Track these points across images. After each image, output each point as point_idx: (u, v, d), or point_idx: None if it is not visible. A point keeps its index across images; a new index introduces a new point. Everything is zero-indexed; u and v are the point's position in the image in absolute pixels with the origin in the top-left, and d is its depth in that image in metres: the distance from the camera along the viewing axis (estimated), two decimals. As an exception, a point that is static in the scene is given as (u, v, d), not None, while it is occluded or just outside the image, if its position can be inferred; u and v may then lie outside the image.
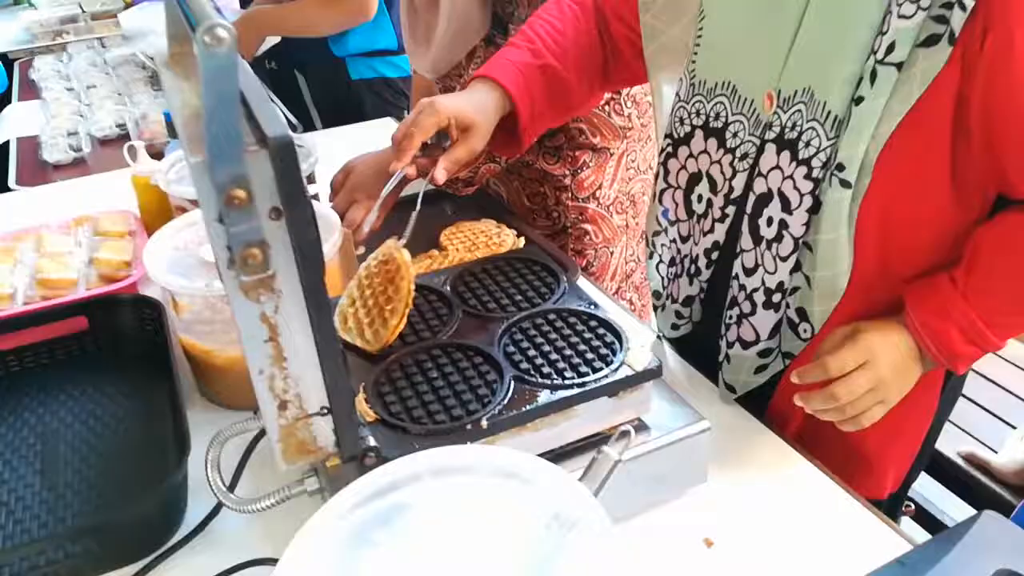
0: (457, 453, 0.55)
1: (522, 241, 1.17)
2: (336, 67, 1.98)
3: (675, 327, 0.96)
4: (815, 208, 0.74)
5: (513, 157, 1.05)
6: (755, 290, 0.82)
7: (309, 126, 2.09)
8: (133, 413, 0.91)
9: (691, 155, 0.87)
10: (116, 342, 0.99)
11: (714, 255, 0.87)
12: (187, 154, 0.46)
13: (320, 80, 2.04)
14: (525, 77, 0.91)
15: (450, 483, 0.54)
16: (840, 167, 0.71)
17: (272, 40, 2.02)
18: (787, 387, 0.85)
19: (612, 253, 1.35)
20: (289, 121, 1.89)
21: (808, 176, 0.74)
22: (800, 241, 0.76)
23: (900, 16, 0.65)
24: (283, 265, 0.50)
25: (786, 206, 0.76)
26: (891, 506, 0.92)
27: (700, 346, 0.95)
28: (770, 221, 0.78)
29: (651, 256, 0.98)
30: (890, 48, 0.66)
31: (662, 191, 0.92)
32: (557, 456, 0.70)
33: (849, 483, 0.82)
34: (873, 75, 0.68)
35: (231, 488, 0.72)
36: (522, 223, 1.23)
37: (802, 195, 0.74)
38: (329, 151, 1.63)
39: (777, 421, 0.87)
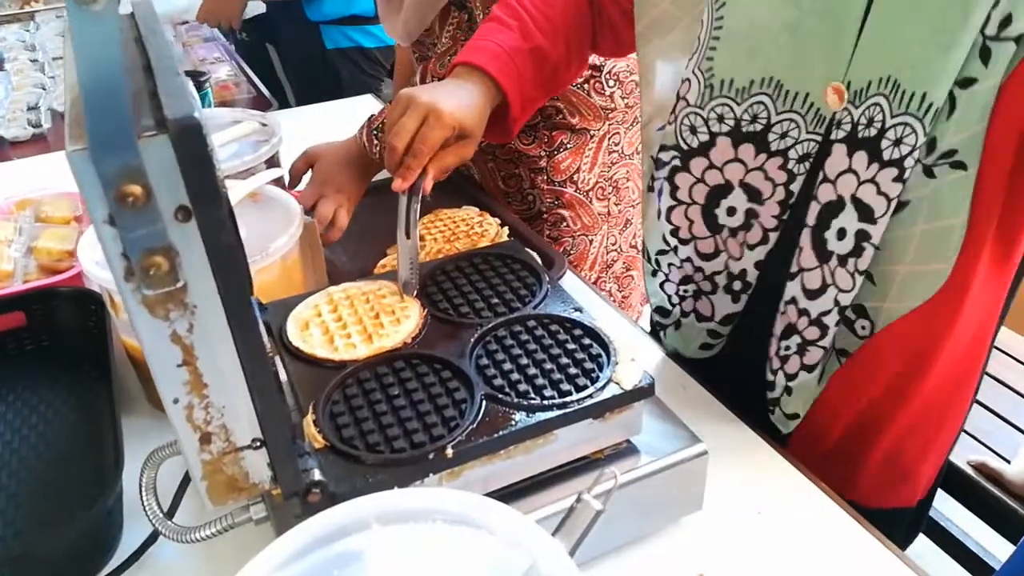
0: (410, 497, 0.46)
1: (506, 231, 1.08)
2: (311, 36, 1.88)
3: (707, 347, 0.87)
4: (899, 209, 0.65)
5: (493, 142, 0.96)
6: (825, 313, 0.72)
7: (284, 103, 1.99)
8: (72, 421, 0.82)
9: (712, 166, 0.77)
10: (56, 340, 0.90)
11: (766, 267, 0.78)
12: (67, 144, 0.37)
13: (294, 51, 1.95)
14: (516, 65, 0.82)
15: (402, 533, 0.46)
16: (950, 154, 0.62)
17: (256, 9, 1.93)
18: (827, 395, 0.77)
19: (591, 241, 1.27)
20: (264, 97, 1.79)
21: (899, 179, 0.64)
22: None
23: None
24: (196, 275, 0.41)
25: (867, 215, 0.66)
26: (918, 513, 0.86)
27: (725, 365, 0.86)
28: (842, 233, 0.68)
29: (654, 274, 0.88)
30: (1005, 21, 0.57)
31: (670, 208, 0.82)
32: (530, 486, 0.62)
33: (884, 495, 0.77)
34: (985, 53, 0.58)
35: (170, 513, 0.64)
36: (507, 211, 1.15)
37: (890, 200, 0.65)
38: (304, 129, 1.54)
39: (814, 431, 0.80)
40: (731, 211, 0.77)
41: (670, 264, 0.86)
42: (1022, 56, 0.57)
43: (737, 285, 0.81)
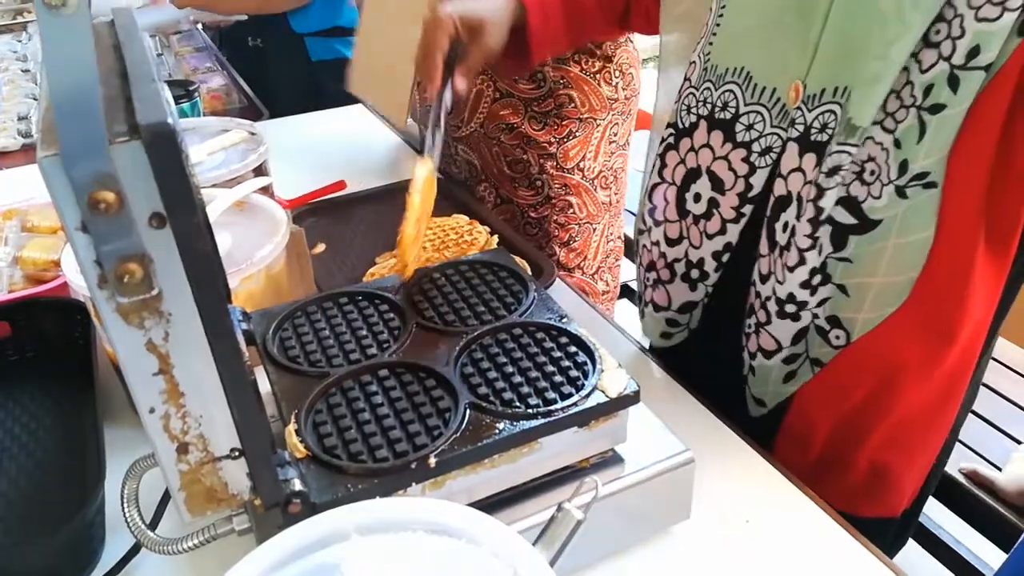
0: (390, 506, 0.46)
1: (495, 240, 1.08)
2: (296, 47, 1.87)
3: (667, 335, 0.89)
4: (873, 227, 0.67)
5: (517, 75, 1.02)
6: (768, 298, 0.75)
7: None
8: (56, 432, 0.82)
9: (692, 148, 0.80)
10: (41, 351, 0.89)
11: (724, 258, 0.80)
12: (39, 149, 0.37)
13: (279, 62, 1.94)
14: None
15: (382, 543, 0.45)
16: (921, 176, 0.63)
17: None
18: (807, 402, 0.78)
19: (594, 230, 1.31)
20: (256, 106, 1.79)
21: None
22: (809, 253, 0.69)
23: (980, 19, 0.57)
24: (171, 283, 0.41)
25: (801, 212, 0.69)
26: (903, 524, 0.86)
27: (698, 355, 0.88)
28: (786, 226, 0.71)
29: (634, 257, 0.92)
30: (973, 52, 0.58)
31: (654, 186, 0.85)
32: (515, 496, 0.61)
33: (867, 503, 0.78)
34: (954, 81, 0.59)
35: (153, 524, 0.63)
36: (497, 219, 1.15)
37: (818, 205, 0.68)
38: (294, 138, 1.54)
39: (796, 438, 0.80)
40: (697, 197, 0.80)
41: (643, 246, 0.90)
42: (989, 81, 0.59)
43: (695, 274, 0.83)
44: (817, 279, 0.70)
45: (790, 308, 0.73)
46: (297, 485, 0.52)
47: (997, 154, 0.62)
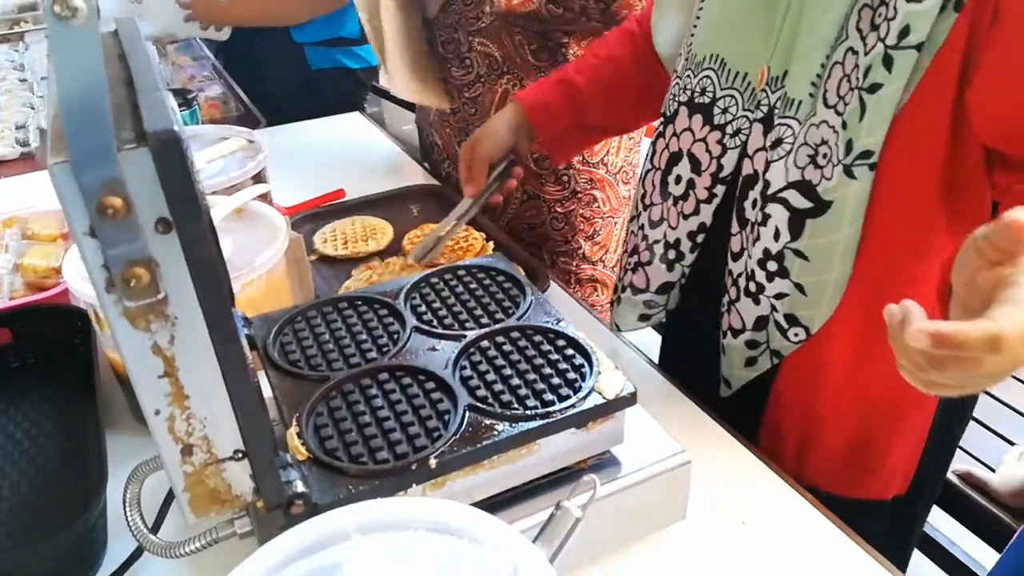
0: (391, 506, 0.46)
1: (491, 246, 1.09)
2: (296, 56, 1.88)
3: (645, 317, 0.93)
4: (822, 211, 0.70)
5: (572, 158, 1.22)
6: (740, 275, 0.78)
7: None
8: (57, 437, 0.82)
9: (675, 133, 0.83)
10: (42, 357, 0.90)
11: (699, 238, 0.83)
12: (49, 157, 0.38)
13: (279, 71, 1.94)
14: (543, 95, 0.99)
15: (383, 542, 0.46)
16: (866, 155, 0.66)
17: None
18: (780, 394, 0.80)
19: (616, 224, 1.36)
20: (253, 114, 1.80)
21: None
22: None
23: (909, 0, 0.61)
24: (177, 287, 0.42)
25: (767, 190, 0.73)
26: (896, 510, 0.86)
27: (683, 336, 0.92)
28: (755, 203, 0.75)
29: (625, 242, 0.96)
30: (904, 32, 0.62)
31: (646, 172, 0.89)
32: (514, 497, 0.62)
33: (852, 486, 0.79)
34: (888, 60, 0.63)
35: (154, 528, 0.64)
36: (493, 226, 1.16)
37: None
38: (292, 146, 1.55)
39: (774, 427, 0.82)
40: (678, 179, 0.84)
41: (631, 231, 0.93)
42: (927, 65, 0.62)
43: (672, 254, 0.86)
44: (773, 266, 0.73)
45: (752, 287, 0.76)
46: (299, 486, 0.53)
47: (953, 137, 0.65)
